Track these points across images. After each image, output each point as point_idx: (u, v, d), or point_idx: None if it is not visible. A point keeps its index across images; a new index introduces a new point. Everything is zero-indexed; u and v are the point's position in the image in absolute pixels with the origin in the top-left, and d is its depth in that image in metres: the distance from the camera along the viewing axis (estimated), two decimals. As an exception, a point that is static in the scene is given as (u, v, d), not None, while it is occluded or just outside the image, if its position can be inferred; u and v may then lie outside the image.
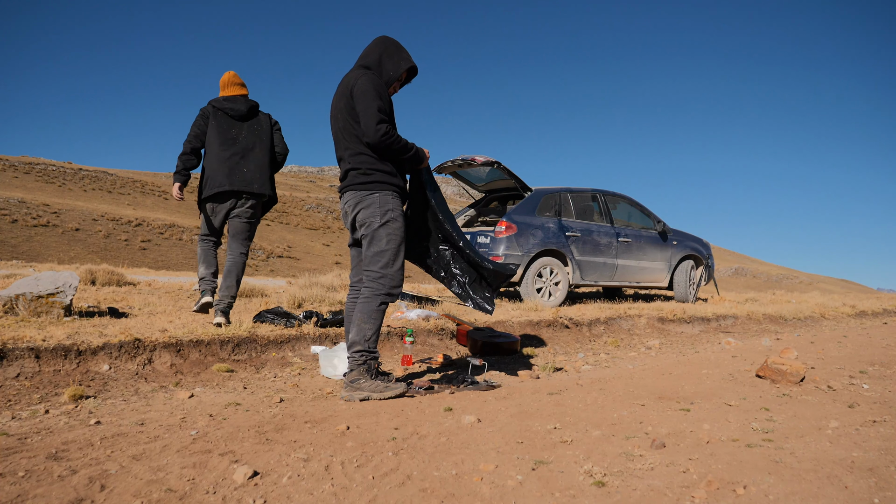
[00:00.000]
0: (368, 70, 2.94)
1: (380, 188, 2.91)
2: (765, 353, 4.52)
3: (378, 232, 2.88)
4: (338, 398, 2.84)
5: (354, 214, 2.96)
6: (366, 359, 2.85)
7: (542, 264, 6.52)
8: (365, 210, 2.92)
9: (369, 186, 2.91)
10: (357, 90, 2.84)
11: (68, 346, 2.99)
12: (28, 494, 1.56)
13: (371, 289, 2.88)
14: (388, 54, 2.98)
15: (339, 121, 2.95)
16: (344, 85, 2.95)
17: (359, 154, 2.91)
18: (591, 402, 2.73)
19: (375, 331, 2.87)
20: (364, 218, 2.92)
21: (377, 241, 2.89)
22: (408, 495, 1.62)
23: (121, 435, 2.11)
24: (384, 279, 2.88)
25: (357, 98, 2.84)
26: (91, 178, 50.94)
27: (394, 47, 3.00)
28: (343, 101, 2.91)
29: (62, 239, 30.16)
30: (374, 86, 2.85)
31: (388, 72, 2.97)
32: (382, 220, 2.89)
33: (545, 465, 1.84)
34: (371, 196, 2.92)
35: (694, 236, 8.22)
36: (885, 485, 1.66)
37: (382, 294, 2.87)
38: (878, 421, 2.37)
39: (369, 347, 2.86)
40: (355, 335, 2.87)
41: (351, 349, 2.88)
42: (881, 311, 9.83)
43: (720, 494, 1.60)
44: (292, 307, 5.11)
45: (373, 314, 2.86)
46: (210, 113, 4.01)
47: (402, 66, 2.98)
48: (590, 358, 4.33)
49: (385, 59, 2.98)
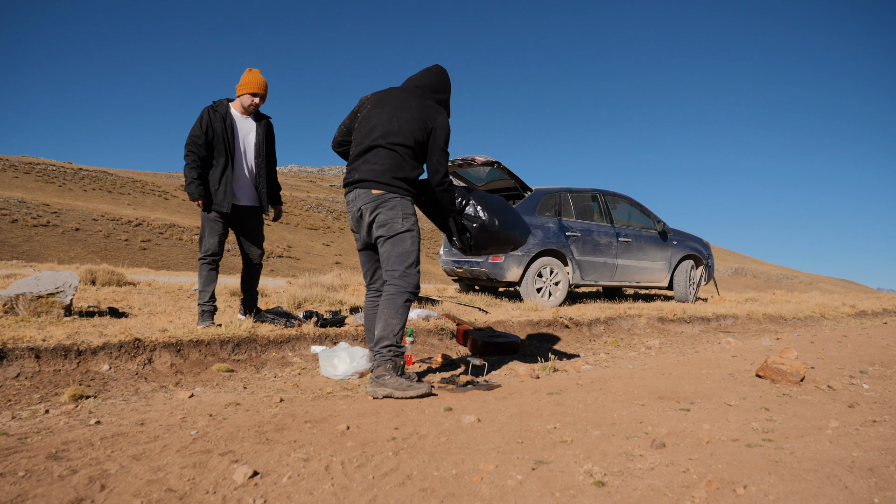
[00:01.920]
0: (445, 111, 3.15)
1: (401, 192, 3.00)
2: (765, 352, 4.52)
3: (403, 235, 2.96)
4: (338, 398, 2.84)
5: (373, 216, 2.99)
6: (392, 354, 2.88)
7: (542, 264, 6.52)
8: (387, 211, 2.98)
9: (392, 189, 2.99)
10: (439, 127, 3.02)
11: (68, 346, 2.99)
12: (28, 494, 1.56)
13: (396, 286, 2.94)
14: (448, 95, 3.22)
15: (400, 119, 3.01)
16: (413, 106, 3.06)
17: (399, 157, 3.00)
18: (591, 402, 2.73)
19: (402, 326, 2.92)
20: (386, 219, 2.97)
21: (402, 243, 2.97)
22: (408, 495, 1.62)
23: (121, 435, 2.11)
24: (408, 277, 2.95)
25: (437, 134, 3.02)
26: (91, 178, 50.93)
27: (449, 88, 3.24)
28: (413, 119, 3.01)
29: (62, 239, 30.16)
30: (449, 131, 3.07)
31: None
32: (406, 224, 2.97)
33: (545, 464, 1.84)
34: (393, 199, 2.99)
35: (694, 236, 8.22)
36: (885, 485, 1.66)
37: (408, 291, 2.94)
38: (878, 421, 2.37)
39: (396, 342, 2.89)
40: (382, 330, 2.90)
41: (378, 345, 2.90)
42: (881, 311, 9.83)
43: (720, 494, 1.60)
44: (292, 307, 5.11)
45: (399, 309, 2.92)
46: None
47: (448, 111, 3.24)
48: (590, 358, 4.33)
49: (447, 99, 3.22)
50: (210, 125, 3.83)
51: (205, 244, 3.91)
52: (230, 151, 3.87)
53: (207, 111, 3.85)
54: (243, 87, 3.92)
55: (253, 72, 3.96)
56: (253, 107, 3.95)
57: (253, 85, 3.91)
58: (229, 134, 3.87)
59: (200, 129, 3.80)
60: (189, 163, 3.79)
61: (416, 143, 3.00)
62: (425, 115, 3.02)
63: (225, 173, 3.85)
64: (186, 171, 3.80)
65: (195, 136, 3.80)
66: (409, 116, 3.01)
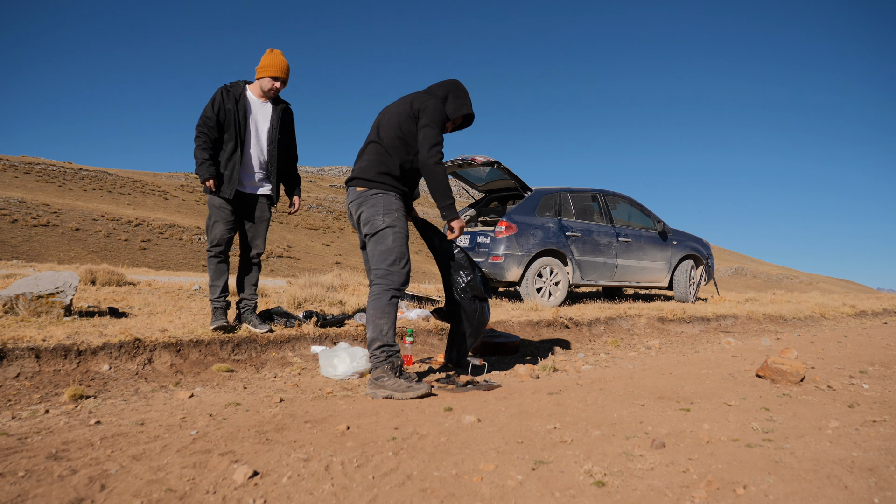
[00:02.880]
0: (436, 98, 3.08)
1: (384, 188, 2.98)
2: (765, 352, 4.52)
3: (384, 231, 2.94)
4: (338, 398, 2.84)
5: (359, 214, 3.03)
6: (387, 354, 2.87)
7: (542, 264, 6.52)
8: (369, 209, 2.98)
9: (375, 185, 2.98)
10: (426, 108, 2.98)
11: (68, 346, 2.99)
12: (28, 494, 1.56)
13: (380, 285, 2.93)
14: (454, 95, 3.14)
15: (386, 127, 3.04)
16: (405, 100, 3.07)
17: (384, 150, 3.00)
18: (591, 402, 2.73)
19: (391, 325, 2.90)
20: (368, 216, 2.98)
21: (383, 240, 2.95)
22: (408, 495, 1.62)
23: (121, 435, 2.11)
24: (392, 275, 2.92)
25: (424, 113, 2.97)
26: (91, 178, 50.94)
27: (461, 91, 3.17)
28: (401, 109, 3.02)
29: (62, 239, 30.16)
30: (440, 112, 3.01)
31: (450, 109, 3.11)
32: (387, 220, 2.94)
33: (545, 464, 1.84)
34: (376, 195, 2.98)
35: (694, 236, 8.22)
36: (885, 485, 1.66)
37: (392, 289, 2.92)
38: (878, 421, 2.37)
39: (388, 341, 2.88)
40: (372, 332, 2.89)
41: (371, 347, 2.90)
42: (881, 311, 9.83)
43: (720, 494, 1.60)
44: (292, 307, 5.11)
45: (385, 309, 2.90)
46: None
47: (463, 110, 3.14)
48: (590, 358, 4.33)
49: (451, 97, 3.14)
50: (223, 106, 3.62)
51: (212, 234, 3.70)
52: (240, 135, 3.65)
53: (221, 92, 3.64)
54: (264, 69, 3.66)
55: (274, 53, 3.68)
56: (273, 91, 3.70)
57: (274, 67, 3.64)
58: (241, 117, 3.65)
59: (212, 110, 3.61)
60: (200, 144, 3.58)
61: (402, 131, 2.99)
62: (413, 102, 3.02)
63: (233, 157, 3.65)
64: (197, 152, 3.58)
65: (206, 117, 3.60)
66: (397, 108, 3.06)
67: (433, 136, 2.95)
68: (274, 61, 3.64)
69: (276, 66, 3.64)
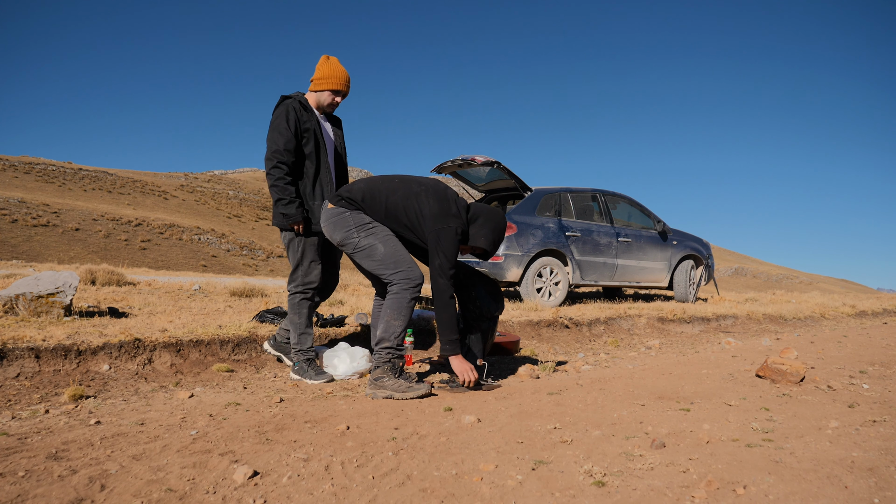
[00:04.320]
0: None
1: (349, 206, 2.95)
2: (765, 352, 4.52)
3: (364, 242, 2.90)
4: (338, 398, 2.84)
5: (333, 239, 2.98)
6: (391, 356, 2.86)
7: (541, 264, 6.52)
8: (340, 231, 2.92)
9: (341, 203, 2.95)
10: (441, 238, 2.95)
11: (68, 346, 2.99)
12: (28, 494, 1.56)
13: (399, 284, 2.89)
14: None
15: (395, 206, 3.00)
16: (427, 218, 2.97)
17: (371, 204, 2.98)
18: (591, 402, 2.73)
19: (404, 328, 2.89)
20: (342, 239, 2.93)
21: (373, 253, 2.91)
22: (408, 495, 1.62)
23: (121, 435, 2.11)
24: (404, 276, 2.89)
25: (439, 245, 2.94)
26: (91, 178, 50.95)
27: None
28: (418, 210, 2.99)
29: (62, 239, 30.17)
30: (456, 245, 2.93)
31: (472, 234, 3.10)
32: (364, 232, 2.90)
33: (545, 464, 1.84)
34: (342, 215, 2.93)
35: (694, 236, 8.23)
36: (885, 485, 1.66)
37: (410, 288, 2.89)
38: (878, 421, 2.37)
39: (397, 344, 2.88)
40: (383, 331, 2.88)
41: (378, 345, 2.89)
42: (881, 311, 9.83)
43: (720, 494, 1.60)
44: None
45: (403, 310, 2.87)
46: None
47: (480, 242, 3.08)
48: (590, 358, 4.33)
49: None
50: (298, 124, 3.05)
51: (305, 272, 3.15)
52: (320, 157, 3.15)
53: (293, 108, 3.06)
54: (325, 81, 3.14)
55: (331, 61, 3.16)
56: (333, 107, 3.22)
57: (337, 80, 3.13)
58: (321, 135, 3.14)
59: (289, 130, 3.00)
60: (281, 176, 3.00)
61: (408, 220, 2.96)
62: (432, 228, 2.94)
63: (317, 184, 3.14)
64: (280, 187, 2.99)
65: (285, 140, 2.99)
66: (417, 204, 3.00)
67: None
68: (335, 72, 3.14)
69: (339, 78, 3.14)
